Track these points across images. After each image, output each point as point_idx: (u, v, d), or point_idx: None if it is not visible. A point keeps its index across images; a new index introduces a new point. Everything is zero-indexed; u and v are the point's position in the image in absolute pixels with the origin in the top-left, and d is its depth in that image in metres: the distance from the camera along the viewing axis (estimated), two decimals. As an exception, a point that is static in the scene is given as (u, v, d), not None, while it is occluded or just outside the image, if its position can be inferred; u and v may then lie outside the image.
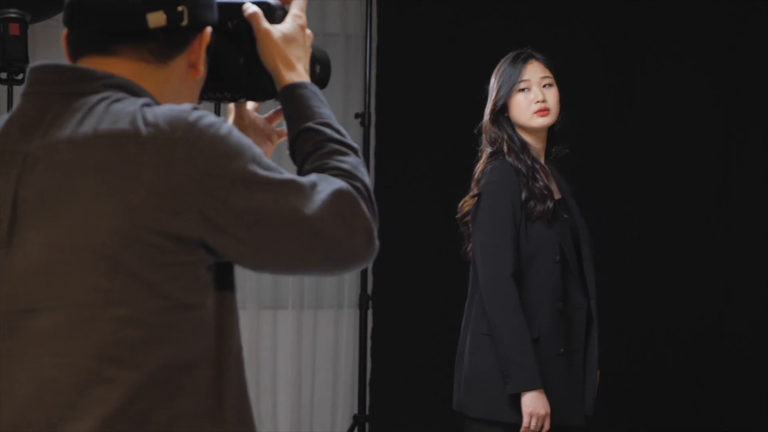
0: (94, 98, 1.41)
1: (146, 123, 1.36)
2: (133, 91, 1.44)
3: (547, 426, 3.07)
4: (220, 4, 1.54)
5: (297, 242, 1.38)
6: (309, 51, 1.61)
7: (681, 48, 5.04)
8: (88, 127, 1.37)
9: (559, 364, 3.14)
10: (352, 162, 1.49)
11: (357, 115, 4.64)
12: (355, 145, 1.53)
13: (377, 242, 1.44)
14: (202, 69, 1.51)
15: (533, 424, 3.05)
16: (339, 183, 1.42)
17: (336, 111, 5.03)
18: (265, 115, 1.76)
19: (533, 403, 3.04)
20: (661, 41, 5.04)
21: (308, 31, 1.62)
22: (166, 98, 1.47)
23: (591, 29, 5.01)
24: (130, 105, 1.39)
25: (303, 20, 1.61)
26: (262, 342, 5.05)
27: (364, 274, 4.72)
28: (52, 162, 1.37)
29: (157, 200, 1.34)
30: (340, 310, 5.12)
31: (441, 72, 4.93)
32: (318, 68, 1.64)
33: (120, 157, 1.35)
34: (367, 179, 1.48)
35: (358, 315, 4.74)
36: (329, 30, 5.07)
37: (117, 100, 1.40)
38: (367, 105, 4.65)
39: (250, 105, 1.73)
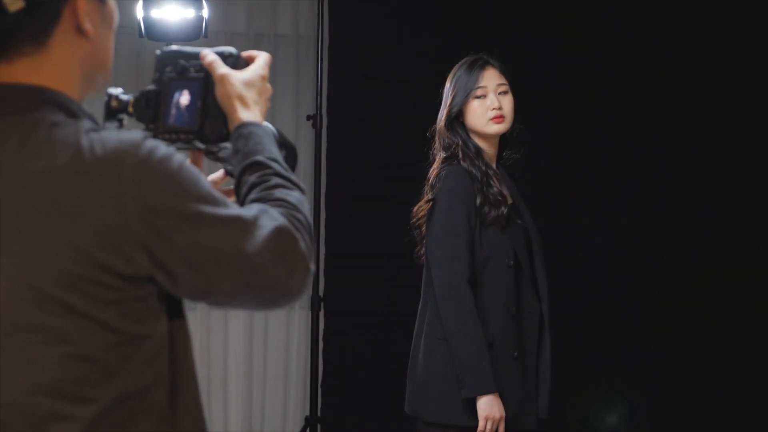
0: (27, 119, 1.35)
1: (93, 156, 1.32)
2: (64, 105, 1.38)
3: (501, 429, 3.09)
4: (181, 52, 1.56)
5: (236, 280, 1.38)
6: (267, 102, 1.61)
7: (620, 50, 5.09)
8: (27, 160, 1.32)
9: (513, 367, 3.16)
10: (296, 197, 1.48)
11: (308, 117, 4.63)
12: (301, 184, 1.53)
13: (312, 275, 1.44)
14: (90, 27, 1.42)
15: (488, 427, 3.07)
16: (280, 219, 1.41)
17: (287, 113, 5.09)
18: (226, 188, 1.71)
19: (489, 407, 3.06)
20: (604, 44, 5.09)
21: (268, 86, 1.61)
22: (73, 78, 1.41)
23: (540, 32, 5.04)
24: (71, 133, 1.34)
25: (265, 72, 1.61)
26: (213, 343, 5.03)
27: (315, 275, 4.72)
28: None
29: (105, 240, 1.31)
30: (292, 312, 5.12)
31: (393, 74, 4.94)
32: (284, 153, 1.64)
33: (64, 196, 1.31)
34: (310, 216, 1.48)
35: (309, 316, 4.74)
36: (280, 31, 5.06)
37: (55, 125, 1.35)
38: (318, 107, 4.64)
39: (213, 177, 1.69)
